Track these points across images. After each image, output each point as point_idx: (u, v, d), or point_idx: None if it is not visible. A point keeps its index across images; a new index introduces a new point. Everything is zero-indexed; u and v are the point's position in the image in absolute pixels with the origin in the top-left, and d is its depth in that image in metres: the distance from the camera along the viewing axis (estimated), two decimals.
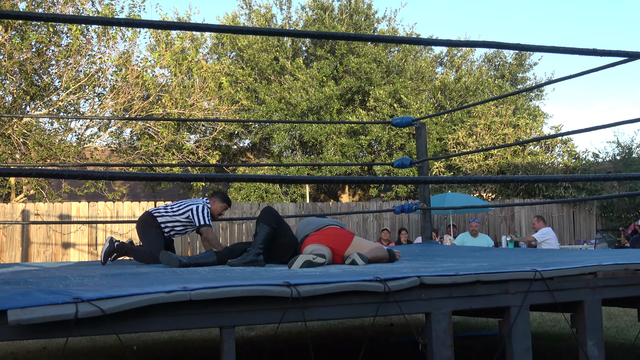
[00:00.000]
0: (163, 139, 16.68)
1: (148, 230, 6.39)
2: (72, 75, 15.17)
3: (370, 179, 4.75)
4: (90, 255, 13.60)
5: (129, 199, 19.34)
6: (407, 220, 16.32)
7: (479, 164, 18.83)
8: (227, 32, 3.61)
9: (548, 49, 4.13)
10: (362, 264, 5.04)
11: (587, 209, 18.02)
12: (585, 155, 20.35)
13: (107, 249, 6.04)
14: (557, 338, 6.49)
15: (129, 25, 3.40)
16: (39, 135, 14.77)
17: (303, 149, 21.84)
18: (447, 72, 23.06)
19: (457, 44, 4.14)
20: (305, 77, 20.03)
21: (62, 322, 2.69)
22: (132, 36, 16.28)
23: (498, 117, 19.53)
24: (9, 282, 3.79)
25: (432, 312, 3.52)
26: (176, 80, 17.03)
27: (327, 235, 5.56)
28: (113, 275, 4.31)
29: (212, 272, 4.48)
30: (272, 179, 3.44)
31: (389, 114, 19.98)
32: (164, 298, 2.88)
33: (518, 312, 3.70)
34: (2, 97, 14.94)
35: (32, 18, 3.39)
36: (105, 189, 16.78)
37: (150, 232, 6.37)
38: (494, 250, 7.49)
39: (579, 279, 3.92)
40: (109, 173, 3.27)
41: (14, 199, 15.45)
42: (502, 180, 3.62)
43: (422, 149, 8.11)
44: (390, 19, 22.84)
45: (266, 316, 3.16)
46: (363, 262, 5.06)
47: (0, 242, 13.16)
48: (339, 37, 3.92)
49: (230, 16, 22.48)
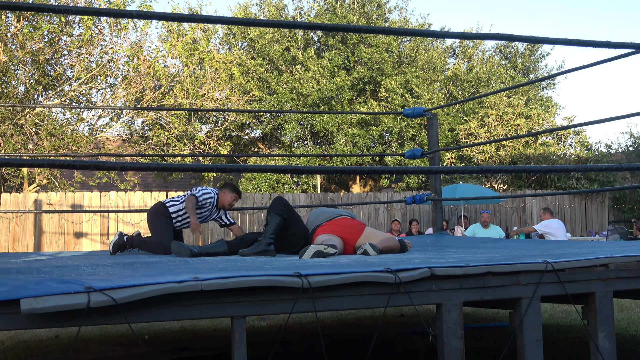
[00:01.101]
0: (174, 129, 16.73)
1: (158, 220, 6.39)
2: (84, 65, 15.21)
3: (381, 169, 4.75)
4: (102, 245, 13.66)
5: (141, 188, 19.43)
6: (418, 211, 16.30)
7: (491, 154, 18.77)
8: (240, 24, 3.60)
9: (561, 41, 4.10)
10: (374, 254, 5.04)
11: (599, 200, 17.94)
12: (598, 147, 20.24)
13: (116, 241, 6.06)
14: (568, 329, 6.48)
15: (141, 17, 3.40)
16: (52, 125, 14.84)
17: (314, 139, 21.83)
18: (459, 63, 22.97)
19: (469, 36, 4.11)
20: (317, 68, 20.00)
21: (74, 312, 2.71)
22: (144, 26, 16.31)
23: (510, 108, 19.44)
24: (21, 271, 3.82)
25: (443, 303, 3.52)
26: (188, 70, 17.05)
27: (338, 225, 5.56)
28: (124, 265, 4.34)
29: (223, 262, 4.50)
30: (283, 170, 3.44)
31: (401, 105, 19.94)
32: (175, 288, 2.89)
33: (529, 304, 3.69)
34: (15, 87, 15.01)
35: (44, 10, 3.39)
36: (117, 179, 16.85)
37: (160, 222, 6.37)
38: (505, 242, 7.47)
39: (590, 271, 3.90)
40: (121, 163, 3.27)
41: (27, 188, 15.54)
42: (513, 171, 3.61)
43: (433, 140, 8.09)
44: (402, 8, 22.79)
45: (277, 306, 3.17)
46: (375, 253, 5.06)
47: (13, 231, 13.24)
48: (350, 30, 3.90)
49: (242, 6, 22.45)
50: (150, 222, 6.47)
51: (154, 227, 6.39)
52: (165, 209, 6.46)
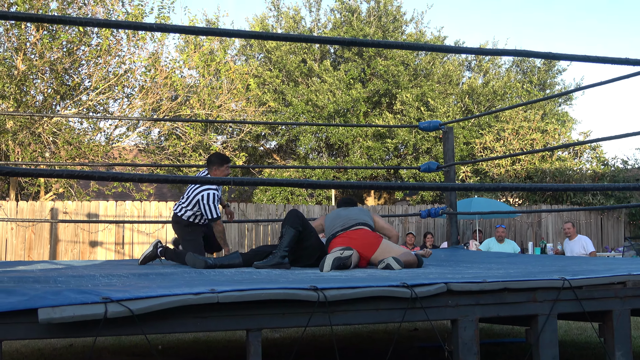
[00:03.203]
0: (190, 140, 16.79)
1: (182, 232, 6.46)
2: (102, 75, 15.32)
3: (397, 185, 4.75)
4: (117, 254, 13.71)
5: (156, 198, 19.50)
6: (432, 224, 16.25)
7: (506, 169, 18.70)
8: (257, 38, 3.62)
9: (580, 58, 4.10)
10: (398, 268, 4.99)
11: (615, 216, 17.81)
12: (614, 162, 20.11)
13: (149, 254, 6.07)
14: (584, 347, 6.42)
15: (160, 30, 3.43)
16: (69, 135, 14.94)
17: (329, 151, 21.84)
18: (475, 76, 22.94)
19: (488, 52, 4.11)
20: (333, 80, 20.04)
21: (91, 322, 2.72)
22: (161, 37, 16.41)
23: (526, 122, 19.37)
24: (38, 281, 3.84)
25: (459, 319, 3.50)
26: (204, 81, 17.13)
27: (354, 239, 5.55)
28: (140, 276, 4.35)
29: (238, 274, 4.50)
30: (299, 184, 3.44)
31: (416, 118, 19.92)
32: (192, 300, 2.90)
33: (546, 321, 3.67)
34: (33, 96, 15.13)
35: (66, 22, 3.42)
36: (133, 189, 16.93)
37: (184, 233, 6.45)
38: (520, 257, 7.43)
39: (608, 288, 3.88)
40: (138, 175, 3.29)
41: (43, 197, 15.63)
42: (530, 189, 3.56)
43: (449, 154, 8.08)
44: (417, 21, 22.82)
45: (293, 320, 3.17)
46: (399, 267, 5.01)
47: (29, 239, 13.32)
48: (367, 44, 3.91)
49: (259, 18, 22.56)
50: (177, 234, 6.55)
51: (182, 240, 6.47)
52: (180, 218, 6.49)
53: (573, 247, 12.28)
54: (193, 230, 6.43)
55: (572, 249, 12.23)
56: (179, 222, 6.53)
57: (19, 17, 2.92)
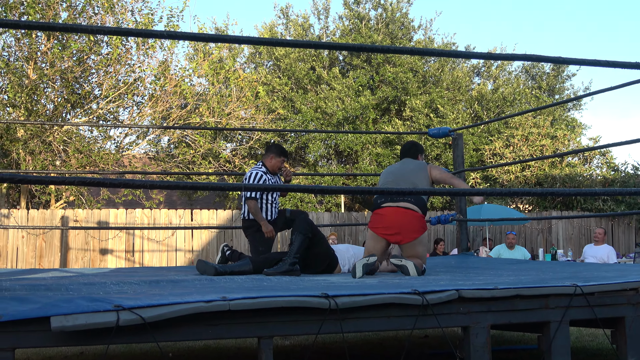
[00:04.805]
0: (200, 148, 16.84)
1: (247, 234, 6.63)
2: (112, 84, 15.39)
3: (407, 190, 4.74)
4: (127, 262, 13.74)
5: (166, 206, 19.54)
6: (442, 231, 16.22)
7: (516, 175, 18.65)
8: (266, 44, 3.64)
9: (589, 62, 4.09)
10: (414, 275, 5.05)
11: (626, 222, 17.73)
12: (625, 167, 20.04)
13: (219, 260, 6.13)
14: (595, 353, 6.38)
15: (171, 37, 3.44)
16: (79, 143, 15.00)
17: (338, 158, 21.84)
18: (484, 83, 22.91)
19: (497, 56, 4.11)
20: (342, 87, 20.06)
21: (103, 330, 2.73)
22: (171, 45, 16.48)
23: (536, 128, 19.33)
24: (50, 289, 3.85)
25: (471, 326, 3.49)
26: (213, 89, 17.19)
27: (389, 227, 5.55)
28: (151, 283, 4.36)
29: (249, 281, 4.50)
30: (308, 189, 3.44)
31: (425, 124, 19.91)
32: (203, 307, 2.90)
33: (558, 327, 3.65)
34: (44, 105, 15.21)
35: (77, 30, 3.44)
36: (143, 197, 16.97)
37: (249, 236, 6.62)
38: (531, 264, 7.40)
39: (620, 295, 3.86)
40: (149, 182, 3.29)
41: (54, 205, 15.69)
42: (540, 194, 3.57)
43: (458, 160, 8.07)
44: (426, 28, 22.82)
45: (304, 327, 3.17)
46: (415, 274, 5.07)
47: (40, 247, 13.37)
48: (376, 50, 3.92)
49: (268, 26, 22.61)
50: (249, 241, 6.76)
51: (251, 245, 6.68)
52: (245, 220, 6.64)
53: (597, 252, 12.15)
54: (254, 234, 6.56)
55: (596, 254, 12.09)
56: (245, 227, 6.67)
57: (31, 26, 2.94)
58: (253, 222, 6.60)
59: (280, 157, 6.69)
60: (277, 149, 6.74)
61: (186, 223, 14.28)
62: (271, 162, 6.66)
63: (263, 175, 6.55)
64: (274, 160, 6.66)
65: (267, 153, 6.76)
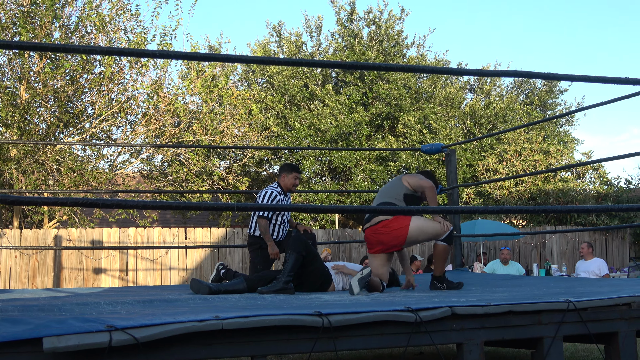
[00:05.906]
0: (193, 166, 16.83)
1: (251, 250, 6.70)
2: (105, 103, 15.40)
3: (401, 209, 4.78)
4: (121, 281, 13.69)
5: (160, 224, 19.49)
6: None
7: (510, 190, 18.70)
8: (259, 63, 3.65)
9: (580, 78, 4.12)
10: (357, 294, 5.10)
11: (619, 236, 17.77)
12: (618, 182, 20.10)
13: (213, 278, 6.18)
14: None
15: (164, 57, 3.46)
16: (72, 162, 14.98)
17: (332, 175, 21.86)
18: (477, 98, 23.00)
19: (488, 73, 4.14)
20: (335, 104, 20.11)
21: (96, 350, 2.72)
22: (164, 64, 16.50)
23: (528, 144, 19.41)
24: (43, 309, 3.84)
25: (464, 342, 3.49)
26: (207, 107, 17.21)
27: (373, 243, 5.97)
28: (144, 303, 4.35)
29: (242, 300, 4.50)
30: (302, 208, 3.45)
31: (418, 140, 19.96)
32: (196, 327, 2.90)
33: (551, 343, 3.65)
34: (37, 124, 15.20)
35: (70, 50, 3.45)
36: (137, 215, 16.94)
37: (252, 252, 6.68)
38: (524, 279, 7.41)
39: (613, 310, 3.87)
40: (142, 202, 3.30)
41: (47, 224, 15.65)
42: (533, 211, 3.58)
43: (452, 176, 8.10)
44: (419, 45, 22.92)
45: (297, 345, 3.16)
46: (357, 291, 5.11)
47: (33, 267, 13.32)
48: (368, 68, 3.95)
49: (261, 44, 22.68)
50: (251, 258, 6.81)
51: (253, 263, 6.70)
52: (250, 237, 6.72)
53: (588, 267, 12.17)
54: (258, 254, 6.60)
55: (587, 269, 12.11)
56: (249, 244, 6.73)
57: (23, 47, 2.94)
58: (258, 240, 6.64)
59: (292, 173, 6.80)
60: (288, 166, 6.88)
61: (180, 241, 14.25)
62: (284, 180, 6.77)
63: (278, 195, 6.62)
64: (286, 178, 6.76)
65: (280, 173, 6.88)
